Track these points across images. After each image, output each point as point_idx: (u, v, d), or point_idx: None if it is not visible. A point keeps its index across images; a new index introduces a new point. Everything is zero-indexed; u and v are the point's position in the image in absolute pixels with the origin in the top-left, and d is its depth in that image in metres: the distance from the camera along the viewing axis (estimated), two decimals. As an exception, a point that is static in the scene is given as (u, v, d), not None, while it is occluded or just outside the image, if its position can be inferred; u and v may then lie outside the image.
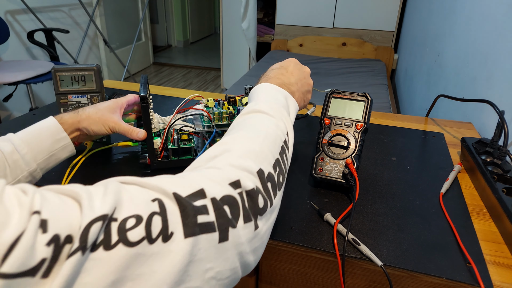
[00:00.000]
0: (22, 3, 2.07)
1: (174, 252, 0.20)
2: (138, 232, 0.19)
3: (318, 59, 2.55)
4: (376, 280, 0.46)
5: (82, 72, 0.57)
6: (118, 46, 3.12)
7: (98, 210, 0.18)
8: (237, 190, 0.25)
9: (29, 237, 0.15)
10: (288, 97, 0.41)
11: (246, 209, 0.25)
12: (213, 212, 0.23)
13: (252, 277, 0.56)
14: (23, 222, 0.15)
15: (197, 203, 0.22)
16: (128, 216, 0.19)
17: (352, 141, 0.53)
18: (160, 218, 0.20)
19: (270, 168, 0.29)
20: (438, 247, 0.44)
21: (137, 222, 0.19)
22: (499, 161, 0.56)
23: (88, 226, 0.17)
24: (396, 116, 0.84)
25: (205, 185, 0.23)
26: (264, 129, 0.33)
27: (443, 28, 1.32)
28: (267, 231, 0.28)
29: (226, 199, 0.24)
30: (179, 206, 0.21)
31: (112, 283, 0.17)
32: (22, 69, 1.79)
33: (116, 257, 0.18)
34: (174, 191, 0.22)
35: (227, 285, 0.24)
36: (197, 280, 0.21)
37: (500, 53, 0.77)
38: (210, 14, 5.11)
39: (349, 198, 0.53)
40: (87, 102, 0.59)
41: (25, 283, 0.15)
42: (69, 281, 0.16)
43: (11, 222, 0.15)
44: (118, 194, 0.20)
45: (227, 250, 0.23)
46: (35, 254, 0.15)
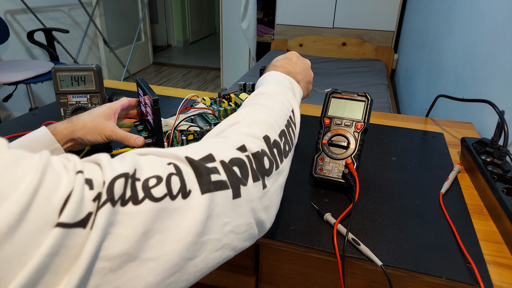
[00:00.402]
0: (22, 3, 2.06)
1: (193, 207, 0.22)
2: (161, 190, 0.21)
3: (318, 59, 2.55)
4: (376, 280, 0.46)
5: (82, 72, 0.57)
6: (118, 46, 3.12)
7: (118, 169, 0.20)
8: (244, 153, 0.27)
9: (76, 193, 0.18)
10: (294, 83, 0.42)
11: (254, 169, 0.27)
12: (224, 172, 0.24)
13: (252, 277, 0.56)
14: (71, 181, 0.18)
15: (208, 165, 0.24)
16: (149, 176, 0.21)
17: (352, 141, 0.53)
18: (178, 178, 0.22)
19: (276, 136, 0.31)
20: (438, 247, 0.44)
21: (158, 181, 0.21)
22: (499, 161, 0.56)
23: (112, 181, 0.19)
24: (396, 116, 0.84)
25: (213, 151, 0.25)
26: (270, 105, 0.35)
27: (443, 28, 1.32)
28: (275, 192, 0.30)
29: (234, 161, 0.26)
30: (192, 167, 0.23)
31: (142, 234, 0.19)
32: (22, 69, 1.79)
33: (144, 211, 0.19)
34: (186, 155, 0.24)
35: (245, 240, 0.26)
36: (217, 233, 0.23)
37: (500, 53, 0.77)
38: (210, 14, 5.11)
39: (349, 198, 0.53)
40: (86, 102, 0.59)
41: (78, 234, 0.17)
42: (105, 231, 0.18)
43: (62, 182, 0.18)
44: (136, 159, 0.22)
45: (240, 206, 0.25)
46: (83, 208, 0.18)
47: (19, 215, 0.15)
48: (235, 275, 0.57)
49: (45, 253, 0.16)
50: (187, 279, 0.22)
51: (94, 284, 0.17)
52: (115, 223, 0.18)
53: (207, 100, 0.64)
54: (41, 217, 0.16)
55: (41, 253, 0.16)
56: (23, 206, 0.16)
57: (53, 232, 0.16)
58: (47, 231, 0.16)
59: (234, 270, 0.56)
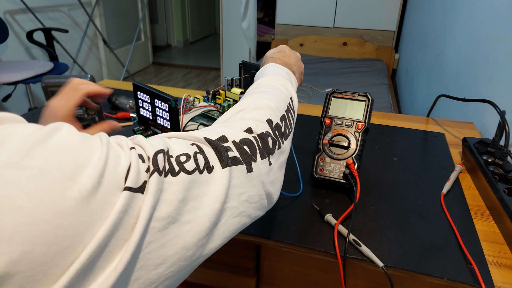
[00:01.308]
0: (21, 3, 2.06)
1: (217, 180, 0.26)
2: (191, 165, 0.24)
3: (318, 59, 2.55)
4: (377, 281, 0.46)
5: None
6: (117, 46, 3.11)
7: (156, 146, 0.24)
8: (251, 135, 0.31)
9: (134, 164, 0.21)
10: (290, 73, 0.46)
11: (260, 148, 0.31)
12: (237, 150, 0.28)
13: (253, 278, 0.55)
14: (128, 156, 0.21)
15: (224, 144, 0.28)
16: (179, 154, 0.25)
17: (353, 141, 0.52)
18: (202, 156, 0.26)
19: (278, 120, 0.35)
20: (439, 247, 0.44)
21: (187, 158, 0.25)
22: (501, 161, 0.56)
23: (155, 156, 0.23)
24: (397, 116, 0.84)
25: (225, 133, 0.29)
26: (271, 92, 0.38)
27: (444, 28, 1.31)
28: (278, 169, 0.33)
29: (244, 141, 0.29)
30: (212, 146, 0.27)
31: (181, 200, 0.23)
32: (21, 69, 1.79)
33: (181, 181, 0.23)
34: (204, 136, 0.28)
35: (258, 209, 0.30)
36: (235, 201, 0.27)
37: (501, 53, 0.77)
38: (210, 14, 5.10)
39: (350, 199, 0.53)
40: (82, 113, 0.58)
41: (139, 198, 0.20)
42: (155, 196, 0.21)
43: (121, 156, 0.21)
44: (165, 141, 0.25)
45: (253, 179, 0.29)
46: (140, 177, 0.21)
47: (98, 178, 0.19)
48: (236, 276, 0.57)
49: (119, 210, 0.19)
50: (214, 241, 0.25)
51: (147, 240, 0.21)
52: (162, 190, 0.22)
53: (200, 98, 0.64)
54: (112, 182, 0.19)
55: (116, 210, 0.19)
56: (100, 171, 0.19)
57: (123, 194, 0.20)
58: (118, 194, 0.19)
59: (235, 271, 0.56)
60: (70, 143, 0.19)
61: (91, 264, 0.18)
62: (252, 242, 0.47)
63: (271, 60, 0.47)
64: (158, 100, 0.57)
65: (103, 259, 0.18)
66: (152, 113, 0.58)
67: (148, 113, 0.59)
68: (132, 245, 0.19)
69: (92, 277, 0.18)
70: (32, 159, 0.17)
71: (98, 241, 0.18)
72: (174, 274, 0.23)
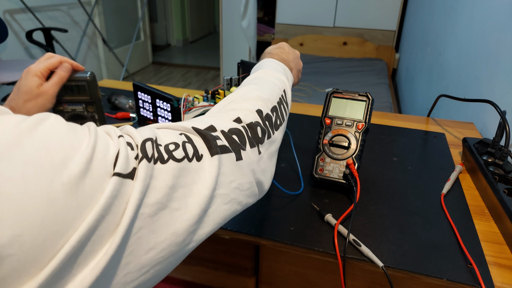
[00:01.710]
0: (20, 3, 2.06)
1: (206, 168, 0.26)
2: (180, 153, 0.25)
3: (318, 58, 2.54)
4: (377, 282, 0.45)
5: (75, 82, 0.56)
6: (117, 45, 3.11)
7: (144, 135, 0.24)
8: (240, 124, 0.31)
9: (123, 151, 0.21)
10: (287, 69, 0.46)
11: (249, 137, 0.31)
12: (225, 139, 0.29)
13: (251, 279, 0.55)
14: (117, 143, 0.22)
15: (212, 133, 0.28)
16: (168, 143, 0.25)
17: (353, 141, 0.52)
18: (190, 145, 0.26)
19: (268, 111, 0.35)
20: (439, 248, 0.44)
21: (176, 147, 0.25)
22: (501, 161, 0.56)
23: (143, 143, 0.23)
24: (397, 116, 0.83)
25: (213, 123, 0.30)
26: (263, 84, 0.39)
27: (445, 28, 1.31)
28: (268, 158, 0.34)
29: (232, 131, 0.30)
30: (200, 135, 0.27)
31: (171, 187, 0.23)
32: (21, 69, 1.79)
33: (170, 169, 0.23)
34: (192, 126, 0.28)
35: (248, 196, 0.30)
36: (225, 189, 0.27)
37: (502, 53, 0.76)
38: (210, 13, 5.10)
39: (350, 199, 0.53)
40: (82, 110, 0.58)
41: (128, 184, 0.21)
42: (145, 182, 0.21)
43: (110, 144, 0.22)
44: (153, 130, 0.26)
45: (242, 167, 0.29)
46: (130, 163, 0.21)
47: (86, 164, 0.19)
48: (235, 276, 0.56)
49: (108, 195, 0.19)
50: (205, 228, 0.26)
51: (137, 226, 0.21)
52: (151, 176, 0.22)
53: (200, 98, 0.63)
54: (101, 168, 0.20)
55: (105, 195, 0.19)
56: (88, 158, 0.19)
57: (112, 180, 0.20)
58: (107, 180, 0.20)
59: (234, 271, 0.56)
60: (57, 133, 0.20)
61: (81, 248, 0.18)
62: (251, 242, 0.47)
63: (269, 56, 0.48)
64: (159, 100, 0.57)
65: (94, 243, 0.19)
66: (153, 113, 0.58)
67: (149, 113, 0.59)
68: (122, 230, 0.20)
69: (83, 261, 0.18)
70: (19, 149, 0.17)
71: (88, 225, 0.18)
72: (165, 259, 0.23)
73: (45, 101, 0.49)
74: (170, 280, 0.65)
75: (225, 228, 0.47)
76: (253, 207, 0.51)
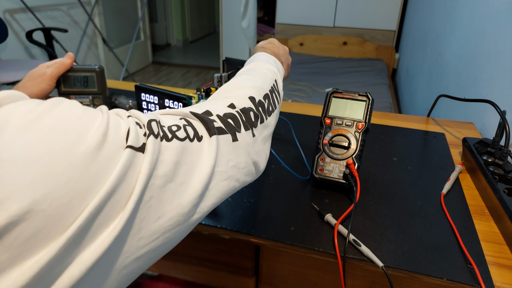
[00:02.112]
0: (21, 2, 2.06)
1: (206, 147, 0.28)
2: (182, 133, 0.27)
3: (318, 59, 2.54)
4: (377, 281, 0.46)
5: (84, 73, 0.57)
6: (117, 45, 3.11)
7: (149, 116, 0.26)
8: (235, 109, 0.34)
9: (133, 128, 0.24)
10: (278, 62, 0.49)
11: (244, 121, 0.33)
12: (221, 122, 0.31)
13: (252, 278, 0.55)
14: (126, 122, 0.24)
15: (209, 117, 0.31)
16: (171, 124, 0.27)
17: (353, 141, 0.52)
18: (190, 127, 0.28)
19: (261, 98, 0.37)
20: (439, 248, 0.44)
21: (178, 128, 0.27)
22: (501, 161, 0.56)
23: (149, 123, 0.25)
24: (397, 116, 0.83)
25: (209, 108, 0.32)
26: (256, 74, 0.41)
27: (445, 28, 1.31)
28: (262, 141, 0.36)
29: (227, 115, 0.32)
30: (198, 119, 0.30)
31: (176, 162, 0.25)
32: (21, 69, 1.79)
33: (174, 145, 0.26)
34: (190, 111, 0.30)
35: (245, 174, 0.33)
36: (224, 166, 0.30)
37: (501, 53, 0.76)
38: (210, 13, 5.10)
39: (350, 199, 0.53)
40: (89, 103, 0.59)
41: (140, 156, 0.23)
42: (153, 155, 0.24)
43: (121, 122, 0.24)
44: (156, 114, 0.28)
45: (238, 148, 0.31)
46: (140, 139, 0.24)
47: (102, 137, 0.21)
48: (235, 276, 0.57)
49: (123, 164, 0.21)
50: (207, 201, 0.28)
51: (148, 195, 0.23)
52: (159, 151, 0.24)
53: (195, 97, 0.63)
54: (115, 141, 0.22)
55: (121, 164, 0.21)
56: (103, 132, 0.22)
57: (126, 151, 0.22)
58: (121, 152, 0.22)
59: (234, 271, 0.56)
60: (74, 111, 0.22)
61: (101, 210, 0.20)
62: (251, 242, 0.47)
63: (261, 50, 0.50)
64: (169, 100, 0.57)
65: (111, 208, 0.21)
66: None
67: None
68: (135, 198, 0.22)
69: (103, 223, 0.21)
70: (43, 122, 0.20)
71: (106, 190, 0.20)
72: (173, 228, 0.25)
73: (43, 83, 0.50)
74: (170, 280, 0.65)
75: (225, 228, 0.47)
76: (253, 207, 0.51)
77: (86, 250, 0.20)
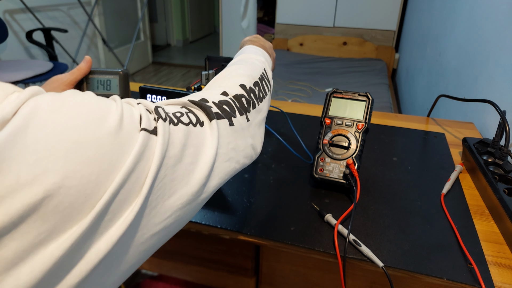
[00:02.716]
0: (20, 3, 2.06)
1: (208, 131, 0.30)
2: (185, 119, 0.29)
3: (318, 59, 2.55)
4: (377, 281, 0.46)
5: (108, 76, 0.55)
6: (116, 45, 3.11)
7: (155, 104, 0.28)
8: (227, 97, 0.36)
9: (144, 114, 0.26)
10: (265, 53, 0.51)
11: (238, 107, 0.36)
12: (217, 108, 0.33)
13: (252, 279, 0.55)
14: (138, 108, 0.26)
15: (206, 104, 0.33)
16: (174, 111, 0.29)
17: (353, 141, 0.52)
18: (192, 114, 0.30)
19: (251, 85, 0.40)
20: (439, 247, 0.44)
21: (181, 115, 0.29)
22: (501, 161, 0.56)
23: (156, 109, 0.27)
24: (397, 116, 0.83)
25: (205, 96, 0.34)
26: (245, 63, 0.44)
27: (444, 28, 1.31)
28: (257, 125, 0.38)
29: (222, 102, 0.34)
30: (197, 105, 0.32)
31: (183, 144, 0.27)
32: (21, 69, 1.79)
33: (180, 129, 0.28)
34: (188, 99, 0.33)
35: (244, 156, 0.35)
36: (225, 148, 0.32)
37: (501, 53, 0.76)
38: (210, 13, 5.10)
39: (350, 199, 0.53)
40: None
41: (153, 139, 0.25)
42: (165, 137, 0.25)
43: (133, 109, 0.26)
44: (159, 103, 0.30)
45: (236, 131, 0.34)
46: (151, 123, 0.26)
47: (119, 120, 0.23)
48: (235, 276, 0.57)
49: (140, 144, 0.23)
50: (212, 181, 0.30)
51: (163, 173, 0.25)
52: (168, 133, 0.26)
53: None
54: (131, 124, 0.24)
55: (138, 144, 0.23)
56: (120, 116, 0.24)
57: (141, 134, 0.24)
58: (137, 134, 0.24)
59: (234, 271, 0.56)
60: (91, 99, 0.24)
61: (124, 187, 0.22)
62: (251, 242, 0.47)
63: (249, 43, 0.53)
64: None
65: (132, 185, 0.23)
66: None
67: None
68: (152, 175, 0.24)
69: (127, 199, 0.22)
70: (67, 107, 0.22)
71: (127, 168, 0.22)
72: (183, 206, 0.27)
73: (59, 88, 0.51)
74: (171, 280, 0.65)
75: (225, 228, 0.47)
76: (253, 207, 0.51)
77: (112, 226, 0.21)
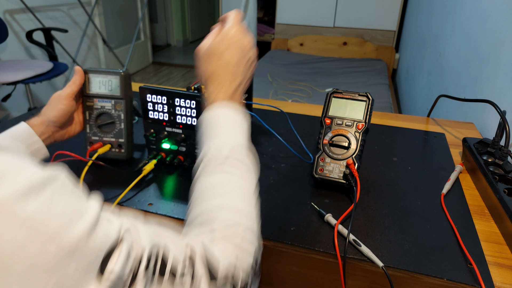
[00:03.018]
0: (21, 3, 2.06)
1: None
2: (184, 274, 0.27)
3: (318, 59, 2.55)
4: (377, 281, 0.45)
5: (109, 76, 0.55)
6: (117, 45, 3.11)
7: (150, 242, 0.26)
8: None
9: (123, 256, 0.23)
10: (243, 119, 0.39)
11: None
12: None
13: (252, 278, 0.55)
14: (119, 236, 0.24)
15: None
16: (173, 260, 0.27)
17: (353, 141, 0.52)
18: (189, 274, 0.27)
19: (254, 225, 0.33)
20: (439, 248, 0.44)
21: (183, 265, 0.27)
22: (501, 161, 0.56)
23: (148, 256, 0.25)
24: (397, 116, 0.83)
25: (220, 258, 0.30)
26: (234, 192, 0.34)
27: (444, 28, 1.31)
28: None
29: None
30: (202, 264, 0.28)
31: None
32: (21, 69, 1.79)
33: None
34: (202, 242, 0.29)
35: None
36: None
37: (501, 53, 0.77)
38: (210, 13, 5.10)
39: (350, 199, 0.53)
40: (111, 108, 0.57)
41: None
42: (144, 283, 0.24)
43: (113, 227, 0.24)
44: (162, 238, 0.28)
45: None
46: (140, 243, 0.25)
47: (91, 227, 0.22)
48: (235, 276, 0.56)
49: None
50: None
51: None
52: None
53: None
54: (96, 248, 0.22)
55: None
56: (92, 223, 0.22)
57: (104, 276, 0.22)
58: (95, 269, 0.22)
59: (234, 271, 0.56)
60: (61, 199, 0.21)
61: None
62: (251, 242, 0.47)
63: (213, 96, 0.39)
64: (180, 99, 0.55)
65: None
66: (170, 114, 0.56)
67: (163, 114, 0.57)
68: None
69: None
70: (25, 208, 0.19)
71: None
72: None
73: (60, 103, 0.51)
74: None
75: (226, 228, 0.47)
76: (253, 207, 0.50)
77: None
